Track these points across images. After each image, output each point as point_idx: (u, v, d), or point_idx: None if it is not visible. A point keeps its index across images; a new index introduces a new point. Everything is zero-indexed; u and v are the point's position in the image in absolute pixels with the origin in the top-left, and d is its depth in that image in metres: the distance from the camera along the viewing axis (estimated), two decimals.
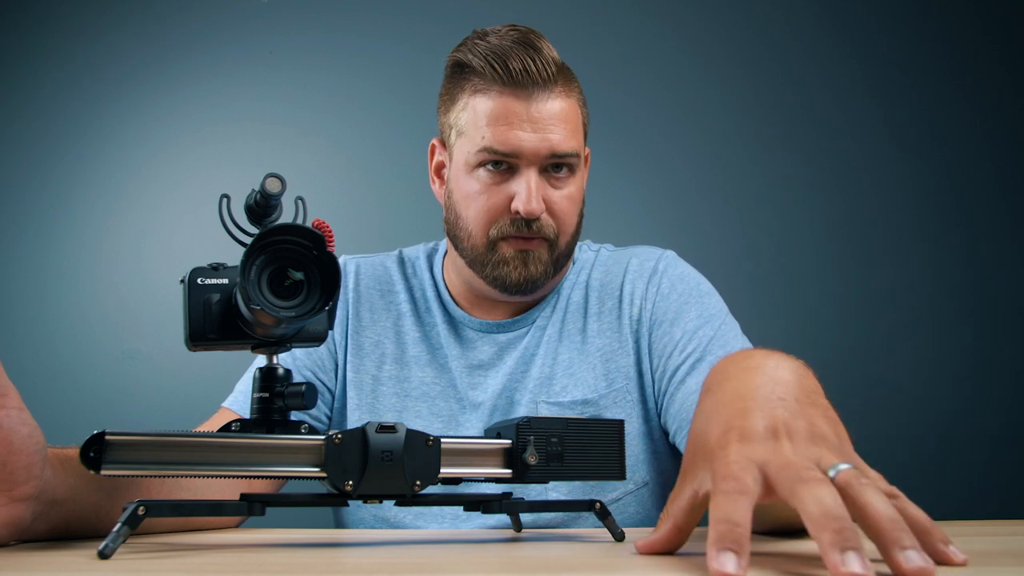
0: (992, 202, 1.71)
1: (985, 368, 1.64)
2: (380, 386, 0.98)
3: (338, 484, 0.55)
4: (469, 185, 0.94)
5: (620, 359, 0.96)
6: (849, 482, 0.42)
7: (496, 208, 0.92)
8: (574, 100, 0.95)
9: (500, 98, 0.91)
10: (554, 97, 0.92)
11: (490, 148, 0.91)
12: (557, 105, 0.92)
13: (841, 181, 1.74)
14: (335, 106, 1.89)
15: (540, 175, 0.92)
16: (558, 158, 0.92)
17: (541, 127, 0.91)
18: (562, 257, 0.97)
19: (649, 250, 1.04)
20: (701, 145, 1.78)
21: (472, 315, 1.01)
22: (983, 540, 0.59)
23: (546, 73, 0.91)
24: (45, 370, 1.79)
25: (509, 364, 0.98)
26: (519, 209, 0.90)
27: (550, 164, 0.93)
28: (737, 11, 1.82)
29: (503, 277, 0.93)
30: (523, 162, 0.91)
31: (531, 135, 0.90)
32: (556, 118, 0.91)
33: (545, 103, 0.91)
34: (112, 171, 1.90)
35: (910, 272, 1.69)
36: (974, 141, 1.73)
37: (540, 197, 0.91)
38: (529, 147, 0.90)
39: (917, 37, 1.78)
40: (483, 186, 0.93)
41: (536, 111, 0.91)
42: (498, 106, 0.91)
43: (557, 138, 0.91)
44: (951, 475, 1.60)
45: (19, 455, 0.56)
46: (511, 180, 0.92)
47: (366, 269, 1.05)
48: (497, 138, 0.90)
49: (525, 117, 0.90)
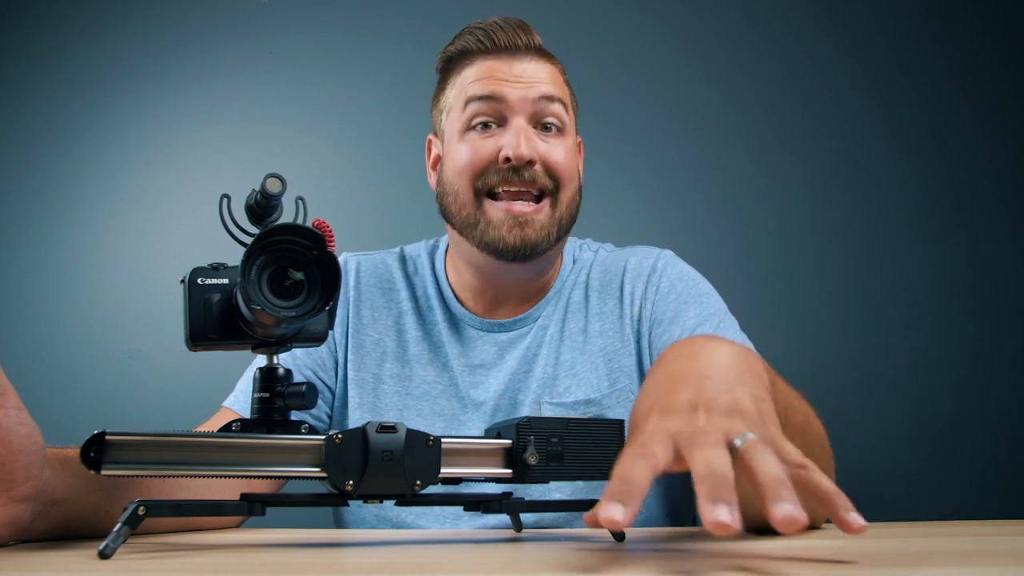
0: (992, 202, 1.71)
1: (985, 368, 1.64)
2: (381, 384, 0.98)
3: (338, 484, 0.55)
4: (460, 151, 0.94)
5: (622, 358, 0.96)
6: (747, 449, 0.44)
7: (483, 160, 0.92)
8: (558, 71, 0.98)
9: (484, 62, 0.95)
10: (538, 61, 0.95)
11: (474, 96, 0.93)
12: (541, 66, 0.95)
13: (841, 181, 1.74)
14: (335, 106, 1.89)
15: (531, 127, 0.93)
16: (546, 102, 0.93)
17: (525, 82, 0.93)
18: (563, 222, 0.95)
19: (647, 250, 1.04)
20: (701, 145, 1.78)
21: (474, 313, 1.00)
22: (983, 540, 0.59)
23: (530, 43, 0.95)
24: (45, 370, 1.79)
25: (511, 364, 0.97)
26: (508, 154, 0.90)
27: (541, 116, 0.94)
28: (737, 11, 1.82)
29: (497, 241, 0.91)
30: (509, 111, 0.92)
31: (516, 85, 0.93)
32: (540, 74, 0.94)
33: (528, 64, 0.94)
34: (112, 171, 1.90)
35: (910, 272, 1.69)
36: (974, 141, 1.73)
37: (531, 144, 0.92)
38: (514, 94, 0.92)
39: (917, 37, 1.78)
40: (472, 144, 0.93)
41: (520, 69, 0.94)
42: (482, 68, 0.94)
43: (543, 86, 0.93)
44: (951, 474, 1.60)
45: (18, 455, 0.56)
46: (500, 134, 0.93)
47: (367, 267, 1.04)
48: (480, 88, 0.93)
49: (508, 73, 0.93)
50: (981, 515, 0.96)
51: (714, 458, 0.43)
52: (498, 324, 0.99)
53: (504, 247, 0.91)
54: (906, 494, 1.60)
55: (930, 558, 0.48)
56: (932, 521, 0.89)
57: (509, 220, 0.91)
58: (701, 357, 0.54)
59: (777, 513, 0.40)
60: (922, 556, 0.49)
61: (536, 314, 1.00)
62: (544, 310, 1.00)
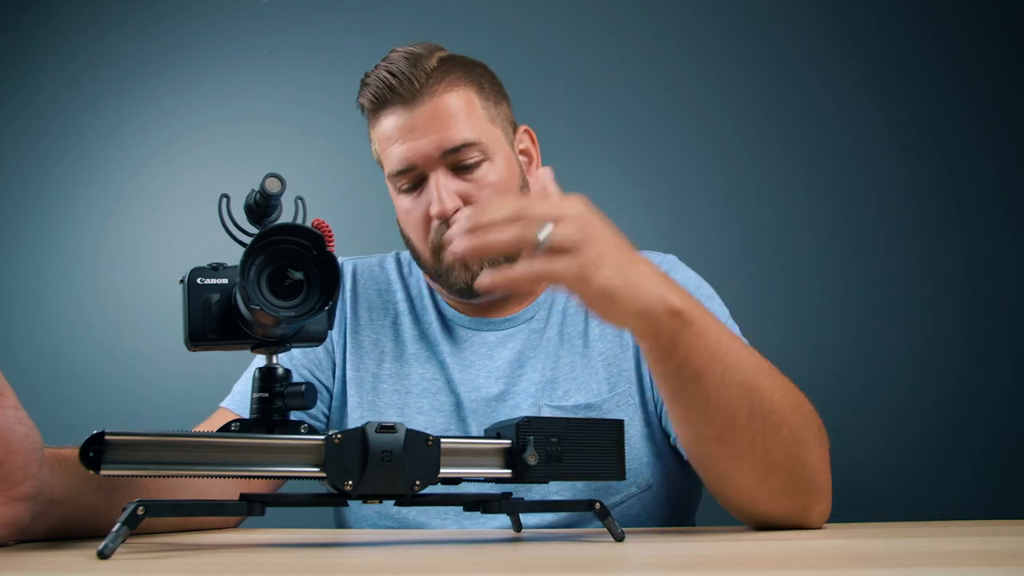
0: (992, 202, 1.71)
1: (985, 368, 1.64)
2: (380, 384, 0.99)
3: (338, 484, 0.55)
4: (400, 207, 0.98)
5: (622, 363, 0.96)
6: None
7: (422, 220, 0.95)
8: (461, 89, 0.94)
9: (384, 120, 0.95)
10: (435, 96, 0.92)
11: (392, 172, 0.95)
12: (440, 103, 0.92)
13: (841, 181, 1.74)
14: (335, 106, 1.88)
15: (450, 174, 0.93)
16: (454, 153, 0.92)
17: (426, 130, 0.92)
18: None
19: (650, 254, 1.04)
20: (701, 145, 1.78)
21: (463, 313, 1.02)
22: (983, 540, 0.59)
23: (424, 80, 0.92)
24: (45, 370, 1.79)
25: (500, 364, 0.98)
26: (433, 214, 0.92)
27: (455, 163, 0.93)
28: (737, 11, 1.82)
29: (453, 284, 0.95)
30: (424, 168, 0.93)
31: (418, 141, 0.92)
32: (439, 116, 0.92)
33: (423, 106, 0.92)
34: (112, 171, 1.90)
35: (910, 272, 1.69)
36: (974, 141, 1.73)
37: (451, 194, 0.92)
38: (419, 154, 0.92)
39: (917, 37, 1.78)
40: (407, 205, 0.96)
41: (415, 117, 0.92)
42: (384, 127, 0.95)
43: (445, 134, 0.92)
44: (951, 474, 1.60)
45: (16, 454, 0.56)
46: (425, 191, 0.94)
47: (363, 269, 1.06)
48: (392, 160, 0.94)
49: (408, 128, 0.92)
50: (981, 515, 0.96)
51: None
52: (488, 323, 1.01)
53: (461, 288, 0.95)
54: (906, 494, 1.60)
55: (930, 558, 0.48)
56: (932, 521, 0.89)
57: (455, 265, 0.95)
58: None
59: None
60: (922, 556, 0.49)
61: (527, 315, 1.01)
62: (537, 312, 1.01)
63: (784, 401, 0.70)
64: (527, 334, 1.00)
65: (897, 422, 1.63)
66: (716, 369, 0.67)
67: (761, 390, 0.68)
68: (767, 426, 0.68)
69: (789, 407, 0.70)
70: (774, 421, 0.68)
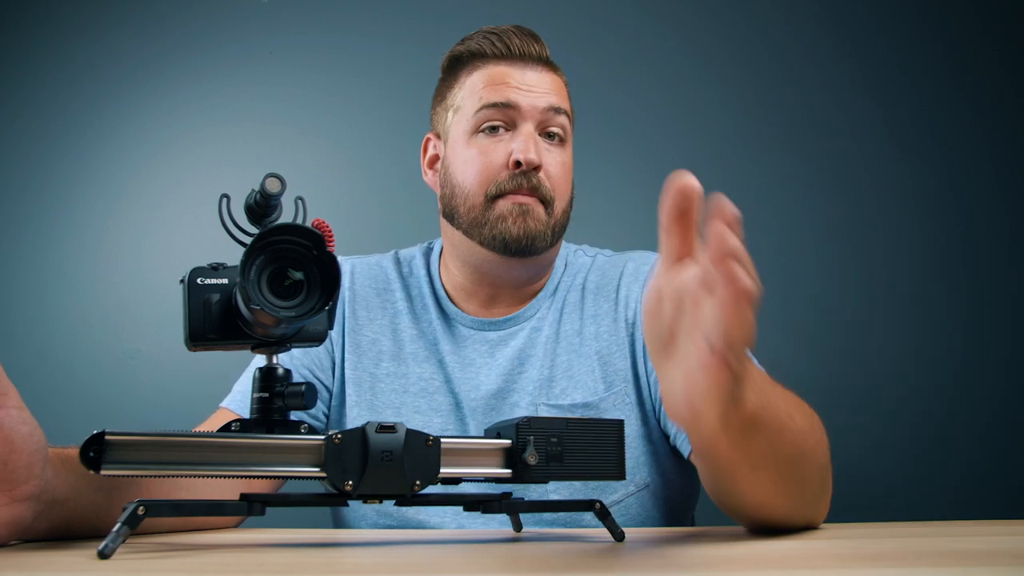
0: (992, 202, 1.71)
1: (985, 368, 1.64)
2: (378, 383, 0.99)
3: (338, 484, 0.55)
4: (468, 153, 0.97)
5: (617, 362, 0.96)
6: None
7: (495, 165, 0.95)
8: (563, 84, 1.02)
9: (497, 67, 0.98)
10: (547, 73, 0.99)
11: (488, 103, 0.96)
12: (549, 77, 0.99)
13: (841, 181, 1.74)
14: (335, 106, 1.89)
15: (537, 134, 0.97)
16: (554, 114, 0.97)
17: (536, 91, 0.97)
18: (558, 226, 0.99)
19: (646, 254, 1.05)
20: (701, 145, 1.78)
21: (465, 312, 1.02)
22: (982, 540, 0.59)
23: (541, 54, 0.99)
24: (45, 370, 1.79)
25: (502, 362, 0.98)
26: (519, 158, 0.93)
27: (549, 125, 0.97)
28: (737, 11, 1.82)
29: (503, 233, 0.95)
30: (520, 116, 0.96)
31: (527, 93, 0.96)
32: (550, 85, 0.98)
33: (539, 74, 0.98)
34: (112, 171, 1.90)
35: (909, 272, 1.69)
36: (974, 141, 1.73)
37: (540, 149, 0.95)
38: (526, 101, 0.96)
39: (917, 37, 1.78)
40: (482, 148, 0.96)
41: (531, 78, 0.97)
42: (495, 73, 0.97)
43: (552, 97, 0.97)
44: (950, 474, 1.60)
45: (20, 454, 0.56)
46: (509, 139, 0.96)
47: (362, 269, 1.07)
48: (495, 94, 0.96)
49: (520, 81, 0.97)
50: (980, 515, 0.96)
51: None
52: (489, 323, 1.01)
53: (508, 237, 0.95)
54: (906, 494, 1.60)
55: (930, 558, 0.48)
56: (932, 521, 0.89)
57: (515, 210, 0.95)
58: None
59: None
60: (922, 556, 0.49)
61: (528, 314, 1.01)
62: (536, 311, 1.01)
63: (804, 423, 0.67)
64: (528, 332, 1.00)
65: (897, 422, 1.63)
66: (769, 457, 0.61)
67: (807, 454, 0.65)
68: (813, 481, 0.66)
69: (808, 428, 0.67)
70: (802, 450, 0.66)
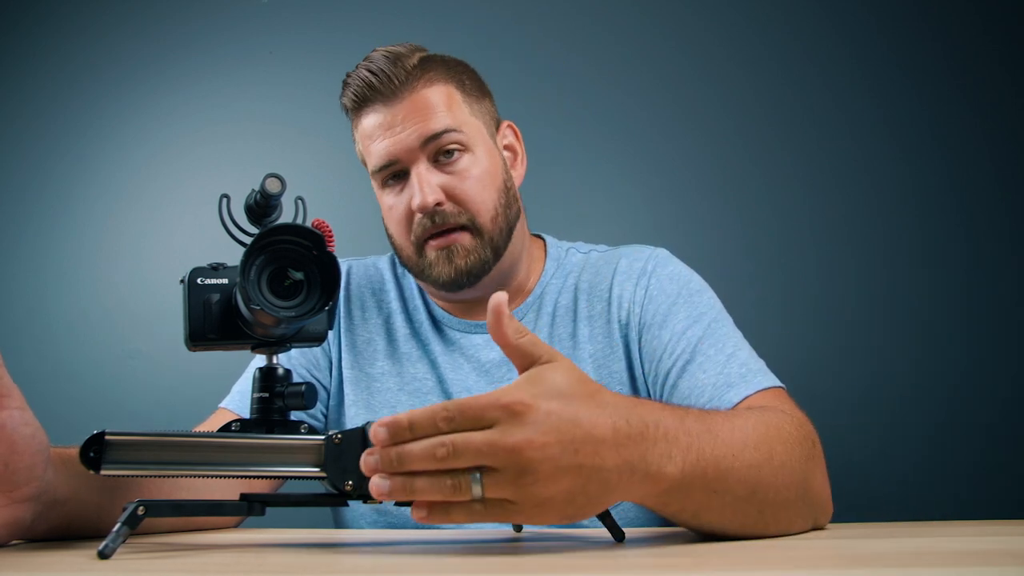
0: (992, 202, 1.70)
1: (984, 368, 1.64)
2: (374, 382, 1.00)
3: (338, 484, 0.55)
4: (384, 204, 0.99)
5: (612, 364, 0.95)
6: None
7: (405, 215, 0.95)
8: (441, 85, 0.96)
9: (365, 118, 0.97)
10: (414, 92, 0.94)
11: (374, 168, 0.97)
12: (419, 98, 0.94)
13: (841, 181, 1.74)
14: (335, 106, 1.87)
15: (432, 167, 0.94)
16: (434, 140, 0.93)
17: (406, 123, 0.94)
18: (494, 239, 0.96)
19: (639, 249, 1.03)
20: (701, 145, 1.78)
21: (453, 315, 1.02)
22: (982, 540, 0.59)
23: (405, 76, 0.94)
24: (45, 370, 1.78)
25: (489, 365, 0.98)
26: (414, 207, 0.93)
27: (436, 153, 0.94)
28: (737, 11, 1.82)
29: (436, 278, 0.95)
30: (406, 161, 0.94)
31: (399, 135, 0.93)
32: (419, 108, 0.94)
33: (402, 102, 0.94)
34: (112, 171, 1.90)
35: (909, 272, 1.69)
36: (974, 141, 1.73)
37: (433, 187, 0.93)
38: (401, 147, 0.93)
39: (917, 37, 1.78)
40: (390, 201, 0.97)
41: (395, 113, 0.94)
42: (366, 125, 0.97)
43: (425, 123, 0.93)
44: (949, 475, 1.60)
45: (22, 456, 0.56)
46: (408, 185, 0.95)
47: (358, 270, 1.08)
48: (375, 156, 0.96)
49: (388, 124, 0.94)
50: (980, 515, 0.96)
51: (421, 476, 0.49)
52: (475, 325, 1.01)
53: (444, 282, 0.95)
54: (906, 494, 1.60)
55: (929, 558, 0.48)
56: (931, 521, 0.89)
57: (440, 256, 0.95)
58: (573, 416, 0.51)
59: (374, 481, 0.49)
60: (921, 556, 0.49)
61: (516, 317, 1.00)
62: (525, 314, 1.01)
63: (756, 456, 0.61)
64: None
65: (897, 422, 1.63)
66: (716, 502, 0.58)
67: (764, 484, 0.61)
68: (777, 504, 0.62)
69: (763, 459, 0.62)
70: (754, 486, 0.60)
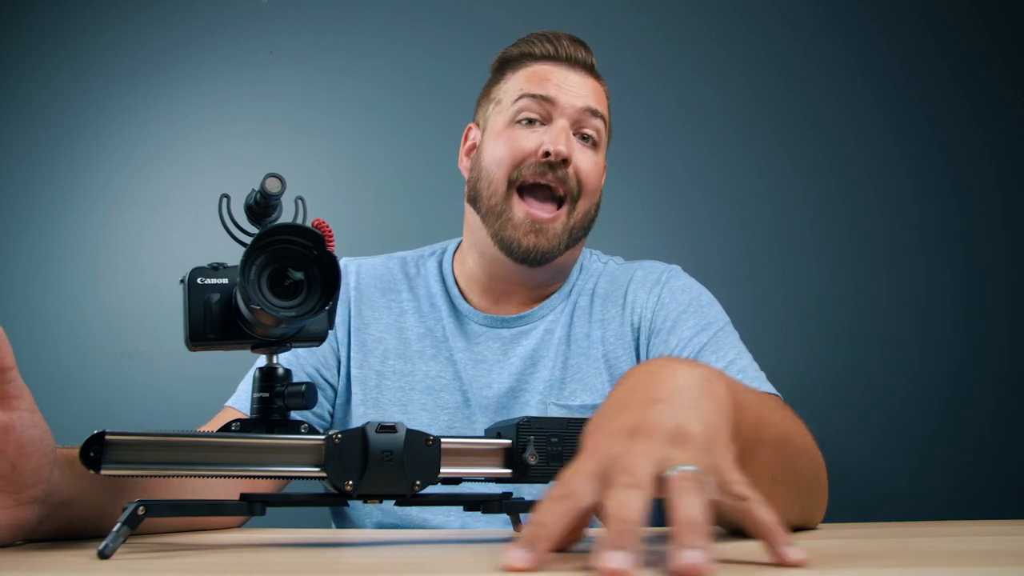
0: (992, 202, 1.71)
1: (984, 368, 1.64)
2: (384, 380, 0.99)
3: (338, 484, 0.55)
4: (500, 139, 0.98)
5: (623, 365, 0.97)
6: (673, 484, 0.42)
7: (524, 151, 0.96)
8: (604, 94, 1.04)
9: (542, 65, 1.00)
10: (590, 79, 1.02)
11: (527, 93, 0.98)
12: (592, 83, 1.02)
13: (841, 181, 1.74)
14: (335, 106, 1.89)
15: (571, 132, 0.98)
16: (590, 115, 0.98)
17: (579, 90, 0.99)
18: (576, 228, 0.99)
19: (655, 264, 1.06)
20: (701, 146, 1.78)
21: (478, 309, 1.02)
22: (982, 540, 0.59)
23: (587, 60, 1.02)
24: (45, 370, 1.79)
25: (514, 361, 0.98)
26: (548, 148, 0.94)
27: (583, 126, 0.99)
28: (737, 11, 1.82)
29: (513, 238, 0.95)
30: (556, 111, 0.97)
31: (567, 93, 0.98)
32: (592, 88, 1.01)
33: (581, 77, 1.01)
34: (112, 171, 1.90)
35: (909, 272, 1.69)
36: (974, 141, 1.73)
37: (571, 144, 0.96)
38: (564, 98, 0.97)
39: (917, 37, 1.78)
40: (515, 135, 0.98)
41: (573, 80, 1.00)
42: (539, 70, 1.00)
43: (590, 99, 0.99)
44: (950, 475, 1.60)
45: (29, 458, 0.56)
46: (542, 132, 0.97)
47: (367, 269, 1.07)
48: (535, 87, 0.98)
49: (562, 80, 0.99)
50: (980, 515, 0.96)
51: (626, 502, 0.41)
52: (502, 320, 1.01)
53: (517, 249, 0.95)
54: (905, 494, 1.60)
55: (930, 558, 0.48)
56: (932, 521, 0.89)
57: (527, 224, 0.95)
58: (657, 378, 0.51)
59: (681, 560, 0.38)
60: (921, 556, 0.49)
61: (541, 313, 1.01)
62: (550, 312, 1.02)
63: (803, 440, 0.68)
64: (541, 332, 1.00)
65: (896, 422, 1.63)
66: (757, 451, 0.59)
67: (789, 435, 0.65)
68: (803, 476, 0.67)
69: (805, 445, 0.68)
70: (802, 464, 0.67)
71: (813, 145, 1.76)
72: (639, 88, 1.80)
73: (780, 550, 0.42)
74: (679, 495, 0.41)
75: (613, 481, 0.42)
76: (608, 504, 0.41)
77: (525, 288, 1.01)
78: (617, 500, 0.41)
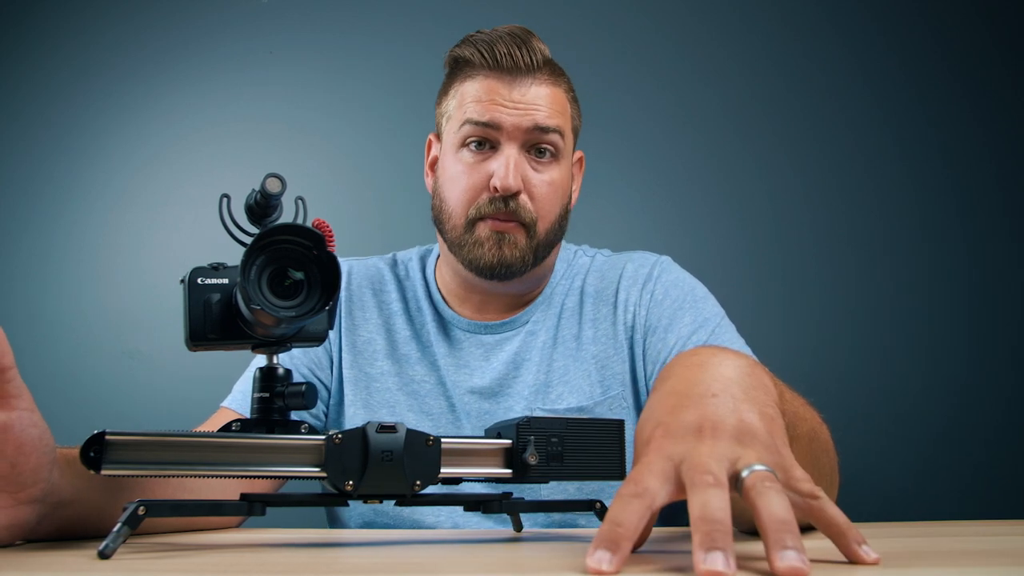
0: (992, 202, 1.71)
1: (985, 368, 1.64)
2: (374, 382, 1.00)
3: (338, 484, 0.55)
4: (454, 167, 0.95)
5: (615, 366, 0.97)
6: (753, 484, 0.42)
7: (476, 186, 0.93)
8: (561, 90, 0.97)
9: (486, 80, 0.94)
10: (539, 84, 0.94)
11: (471, 120, 0.93)
12: (542, 90, 0.94)
13: (841, 181, 1.74)
14: (335, 106, 1.89)
15: (522, 154, 0.93)
16: (540, 133, 0.93)
17: (522, 107, 0.93)
18: (541, 247, 0.96)
19: (644, 256, 1.05)
20: (700, 145, 1.78)
21: (461, 315, 1.02)
22: (983, 540, 0.59)
23: (531, 61, 0.94)
24: (45, 370, 1.79)
25: (497, 366, 0.98)
26: (496, 184, 0.91)
27: (533, 146, 0.94)
28: (736, 11, 1.82)
29: (478, 259, 0.94)
30: (503, 137, 0.92)
31: (512, 112, 0.92)
32: (539, 99, 0.93)
33: (529, 88, 0.94)
34: (112, 171, 1.90)
35: (910, 272, 1.69)
36: (974, 141, 1.73)
37: (518, 174, 0.92)
38: (509, 121, 0.92)
39: (917, 37, 1.78)
40: (465, 166, 0.94)
41: (519, 94, 0.93)
42: (483, 87, 0.94)
43: (539, 114, 0.93)
44: (951, 475, 1.60)
45: (28, 457, 0.56)
46: (492, 159, 0.93)
47: (358, 270, 1.07)
48: (478, 112, 0.92)
49: (507, 98, 0.93)
50: (981, 515, 0.96)
51: (712, 501, 0.40)
52: (484, 326, 1.01)
53: (483, 264, 0.94)
54: (906, 494, 1.60)
55: (930, 558, 0.48)
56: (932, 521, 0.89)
57: (492, 237, 0.93)
58: (707, 371, 0.51)
59: (780, 563, 0.38)
60: (922, 556, 0.49)
61: (524, 318, 1.01)
62: (532, 315, 1.01)
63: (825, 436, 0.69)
64: (524, 337, 1.00)
65: (897, 422, 1.63)
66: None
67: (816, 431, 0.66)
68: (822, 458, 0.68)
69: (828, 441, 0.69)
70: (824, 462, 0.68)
71: (813, 145, 1.76)
72: (639, 88, 1.80)
73: (854, 549, 0.42)
74: (761, 495, 0.41)
75: (693, 481, 0.42)
76: (693, 505, 0.40)
77: (503, 297, 1.01)
78: (702, 500, 0.40)
